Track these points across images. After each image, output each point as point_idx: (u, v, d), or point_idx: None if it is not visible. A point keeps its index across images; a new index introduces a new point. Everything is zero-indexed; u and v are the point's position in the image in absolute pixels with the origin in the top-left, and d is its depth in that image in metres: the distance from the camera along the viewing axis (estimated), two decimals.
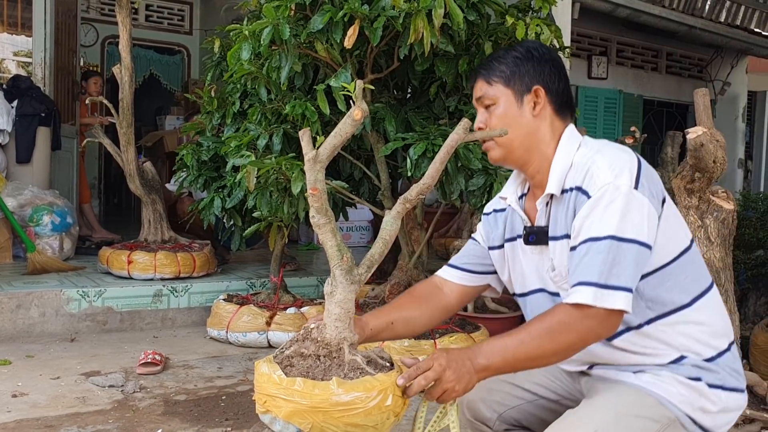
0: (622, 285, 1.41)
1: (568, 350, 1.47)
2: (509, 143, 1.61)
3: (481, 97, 1.65)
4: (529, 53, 1.63)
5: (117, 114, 4.83)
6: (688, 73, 8.74)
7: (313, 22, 3.08)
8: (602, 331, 1.45)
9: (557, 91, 1.63)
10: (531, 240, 1.63)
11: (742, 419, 2.55)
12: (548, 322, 1.45)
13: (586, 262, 1.44)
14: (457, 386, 1.44)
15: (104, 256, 4.81)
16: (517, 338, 1.46)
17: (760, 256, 4.39)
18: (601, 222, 1.44)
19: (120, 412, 3.01)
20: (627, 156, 1.51)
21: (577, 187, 1.51)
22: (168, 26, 9.93)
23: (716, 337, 1.56)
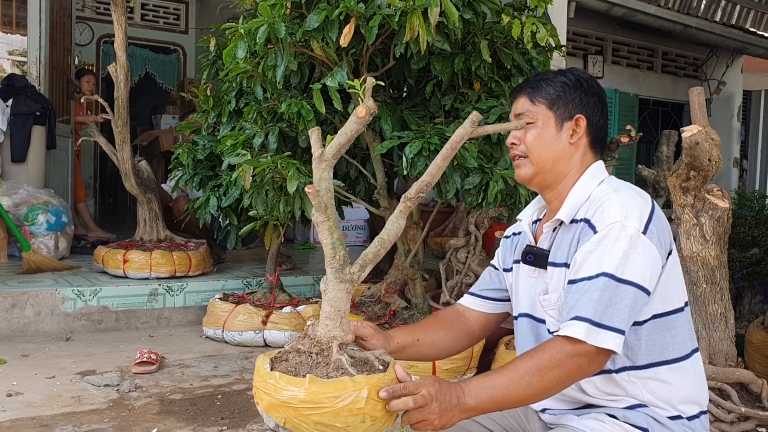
0: (614, 326, 1.41)
1: (556, 387, 1.45)
2: (541, 164, 1.62)
3: (521, 114, 1.65)
4: (578, 82, 1.64)
5: (112, 113, 4.82)
6: (684, 73, 8.76)
7: (309, 21, 3.07)
8: (590, 368, 1.44)
9: (597, 125, 1.65)
10: (528, 259, 1.64)
11: (737, 417, 2.55)
12: (538, 359, 1.43)
13: (583, 298, 1.43)
14: (437, 421, 1.40)
15: (99, 255, 4.80)
16: (507, 377, 1.42)
17: (755, 254, 4.40)
18: (602, 259, 1.44)
19: (115, 412, 3.01)
20: (642, 200, 1.52)
21: (586, 219, 1.52)
22: (163, 25, 9.92)
23: (685, 402, 1.54)
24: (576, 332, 1.41)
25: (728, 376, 2.66)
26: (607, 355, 1.43)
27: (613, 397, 1.53)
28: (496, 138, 3.28)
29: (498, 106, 3.30)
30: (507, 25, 3.24)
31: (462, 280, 4.36)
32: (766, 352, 3.40)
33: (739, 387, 2.68)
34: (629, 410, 1.52)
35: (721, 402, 2.56)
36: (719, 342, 2.73)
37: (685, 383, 1.54)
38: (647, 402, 1.52)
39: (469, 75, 3.47)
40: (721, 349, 2.73)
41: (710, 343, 2.72)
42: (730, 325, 2.76)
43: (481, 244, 4.44)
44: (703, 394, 1.58)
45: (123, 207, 10.33)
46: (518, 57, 3.44)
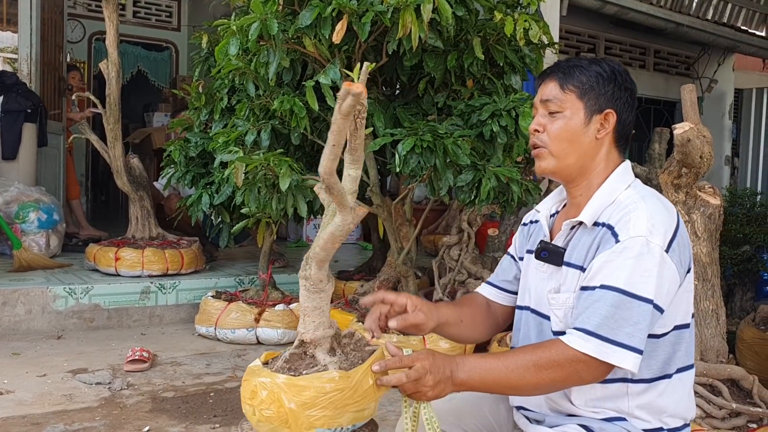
0: (634, 345, 1.38)
1: (548, 387, 1.44)
2: (564, 157, 1.55)
3: (548, 100, 1.57)
4: (613, 74, 1.56)
5: (104, 110, 4.80)
6: (676, 71, 8.78)
7: (302, 18, 3.07)
8: (587, 377, 1.42)
9: (625, 122, 1.58)
10: (543, 256, 1.58)
11: (729, 413, 2.56)
12: (538, 356, 1.41)
13: (594, 309, 1.40)
14: (430, 392, 1.41)
15: (91, 253, 4.78)
16: (503, 363, 1.42)
17: (746, 251, 4.42)
18: (623, 273, 1.40)
19: (107, 410, 2.99)
20: (668, 215, 1.47)
21: (609, 225, 1.47)
22: (156, 22, 9.89)
23: (673, 416, 1.52)
24: (584, 347, 1.39)
25: (719, 372, 2.67)
26: (609, 369, 1.41)
27: (597, 409, 1.50)
28: (488, 135, 3.28)
29: (490, 103, 3.31)
30: (499, 22, 3.24)
31: (455, 277, 4.36)
32: (757, 348, 3.42)
33: (730, 383, 2.69)
34: (607, 422, 1.49)
35: (713, 398, 2.57)
36: (710, 339, 2.74)
37: (679, 397, 1.52)
38: (630, 414, 1.49)
39: (462, 72, 3.47)
40: (713, 346, 2.74)
41: (702, 340, 2.73)
42: (722, 321, 2.76)
43: (474, 242, 4.44)
44: (691, 407, 1.56)
45: (115, 204, 10.30)
46: (511, 54, 3.44)
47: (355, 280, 4.77)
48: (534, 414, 1.61)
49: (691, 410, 1.56)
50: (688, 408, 1.55)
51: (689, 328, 1.54)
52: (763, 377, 2.92)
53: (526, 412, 1.63)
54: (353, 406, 1.44)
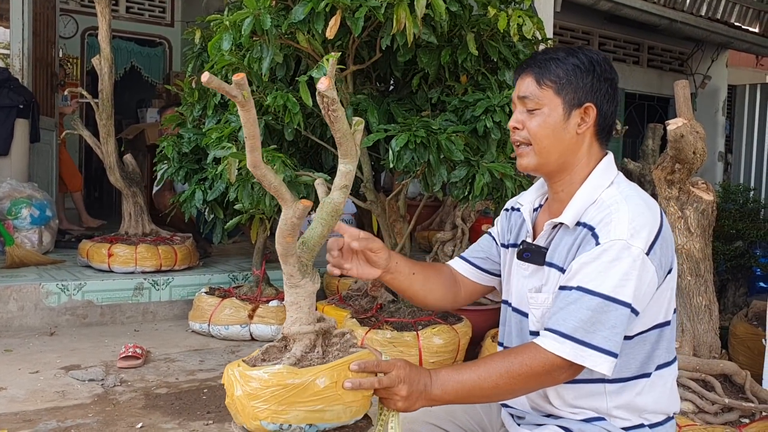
0: (610, 349, 1.37)
1: (523, 390, 1.45)
2: (546, 154, 1.52)
3: (525, 96, 1.53)
4: (591, 65, 1.52)
5: (93, 100, 4.77)
6: (669, 67, 8.80)
7: (295, 13, 3.05)
8: (560, 378, 1.42)
9: (606, 114, 1.54)
10: (525, 257, 1.57)
11: (721, 408, 2.57)
12: (510, 362, 1.40)
13: (573, 313, 1.38)
14: (400, 403, 1.41)
15: (84, 250, 4.76)
16: (476, 374, 1.40)
17: (739, 247, 4.43)
18: (602, 277, 1.38)
19: (100, 406, 2.99)
20: (651, 215, 1.44)
21: (591, 226, 1.45)
22: (149, 18, 9.85)
23: (655, 412, 1.52)
24: (560, 350, 1.38)
25: (712, 367, 2.68)
26: (580, 369, 1.40)
27: (576, 410, 1.49)
28: (482, 131, 3.28)
29: (484, 98, 3.30)
30: (493, 18, 3.23)
31: None
32: (749, 343, 3.43)
33: (722, 378, 2.70)
34: (586, 423, 1.49)
35: (705, 393, 2.58)
36: (703, 334, 2.75)
37: (659, 393, 1.51)
38: (609, 414, 1.48)
39: (456, 68, 3.46)
40: (706, 341, 2.75)
41: (694, 335, 2.74)
42: (714, 317, 2.77)
43: (468, 238, 4.44)
44: (675, 402, 1.56)
45: (109, 201, 10.25)
46: (505, 50, 3.43)
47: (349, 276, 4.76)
48: (516, 411, 1.61)
49: (675, 405, 1.56)
50: (671, 404, 1.55)
51: (670, 325, 1.53)
52: (756, 372, 2.94)
53: (509, 409, 1.63)
54: (304, 404, 1.41)
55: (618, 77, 1.58)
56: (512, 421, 1.62)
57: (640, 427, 1.49)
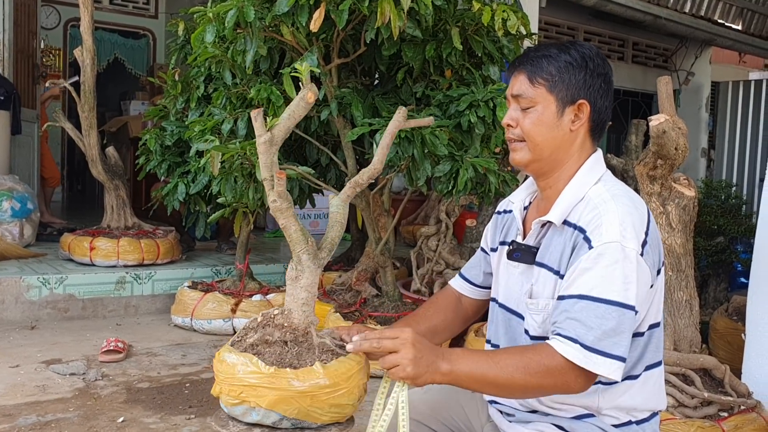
0: (617, 354, 1.36)
1: (535, 391, 1.42)
2: (539, 151, 1.51)
3: (519, 95, 1.52)
4: (584, 61, 1.50)
5: (78, 98, 4.73)
6: (654, 63, 8.84)
7: (278, 5, 3.03)
8: (575, 387, 1.40)
9: (600, 109, 1.53)
10: (515, 257, 1.56)
11: (701, 402, 2.59)
12: (529, 358, 1.38)
13: (583, 321, 1.37)
14: (409, 367, 1.35)
15: (66, 243, 4.72)
16: (492, 360, 1.38)
17: (720, 242, 4.47)
18: (603, 282, 1.38)
19: (81, 401, 2.97)
20: (639, 215, 1.45)
21: (581, 229, 1.44)
22: (133, 9, 9.76)
23: (643, 410, 1.52)
24: (574, 356, 1.36)
25: (692, 362, 2.70)
26: (594, 379, 1.40)
27: (565, 406, 1.50)
28: (466, 126, 3.28)
29: (468, 93, 3.30)
30: (477, 12, 3.23)
31: (433, 268, 4.37)
32: (729, 338, 3.47)
33: (702, 373, 2.72)
34: (576, 420, 1.49)
35: (685, 387, 2.60)
36: (684, 329, 2.77)
37: (649, 392, 1.52)
38: (599, 410, 1.48)
39: (441, 62, 3.46)
40: (686, 336, 2.77)
41: (675, 330, 2.76)
42: (695, 312, 2.79)
43: (452, 232, 4.45)
44: (662, 399, 1.56)
45: (91, 194, 10.17)
46: (489, 45, 3.43)
47: (333, 271, 4.77)
48: (505, 407, 1.61)
49: (662, 402, 1.57)
50: (659, 401, 1.55)
51: (660, 326, 1.54)
52: (735, 367, 2.97)
53: (499, 406, 1.63)
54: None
55: (612, 71, 1.57)
56: (502, 417, 1.61)
57: (628, 424, 1.50)
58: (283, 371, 1.49)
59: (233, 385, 1.53)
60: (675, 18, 7.68)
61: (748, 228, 4.43)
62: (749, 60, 11.05)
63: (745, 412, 2.60)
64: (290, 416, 1.49)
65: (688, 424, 2.48)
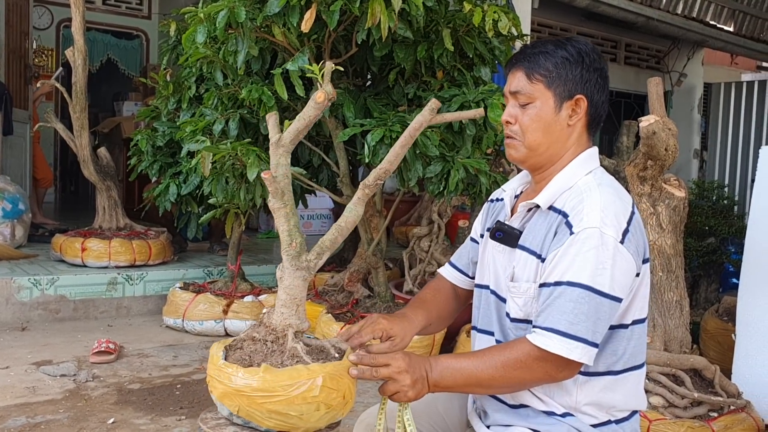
0: (589, 339, 1.38)
1: (519, 386, 1.47)
2: (536, 146, 1.53)
3: (517, 91, 1.54)
4: (580, 56, 1.52)
5: (70, 99, 4.71)
6: (646, 64, 8.86)
7: (270, 5, 3.03)
8: (559, 376, 1.43)
9: (597, 103, 1.54)
10: (497, 236, 1.58)
11: (691, 402, 2.60)
12: (507, 356, 1.42)
13: (558, 307, 1.40)
14: (410, 392, 1.42)
15: (57, 244, 4.71)
16: (473, 365, 1.44)
17: (711, 243, 4.48)
18: (577, 268, 1.39)
19: (71, 402, 2.96)
20: (622, 204, 1.46)
21: (564, 213, 1.46)
22: (126, 10, 9.74)
23: (623, 409, 1.53)
24: (549, 345, 1.39)
25: (682, 362, 2.70)
26: (578, 366, 1.42)
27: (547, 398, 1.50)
28: (457, 126, 3.28)
29: (460, 94, 3.30)
30: (469, 13, 3.23)
31: (425, 268, 4.37)
32: (719, 339, 3.48)
33: (693, 373, 2.73)
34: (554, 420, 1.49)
35: (675, 388, 2.60)
36: (674, 329, 2.78)
37: (628, 391, 1.52)
38: (578, 409, 1.49)
39: (432, 63, 3.46)
40: (676, 336, 2.78)
41: (665, 330, 2.76)
42: (686, 312, 2.80)
43: (444, 233, 4.45)
44: (642, 398, 1.57)
45: (85, 195, 10.15)
46: (480, 46, 3.44)
47: (325, 272, 4.76)
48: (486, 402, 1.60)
49: (642, 403, 1.57)
50: (638, 402, 1.56)
51: (643, 324, 1.54)
52: (726, 367, 2.98)
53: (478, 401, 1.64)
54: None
55: (607, 66, 1.58)
56: (479, 421, 1.62)
57: (607, 424, 1.51)
58: (230, 366, 1.52)
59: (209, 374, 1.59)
60: (667, 19, 7.70)
61: (739, 229, 4.44)
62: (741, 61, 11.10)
63: (735, 412, 2.61)
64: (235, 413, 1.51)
65: (678, 424, 2.49)
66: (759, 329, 2.98)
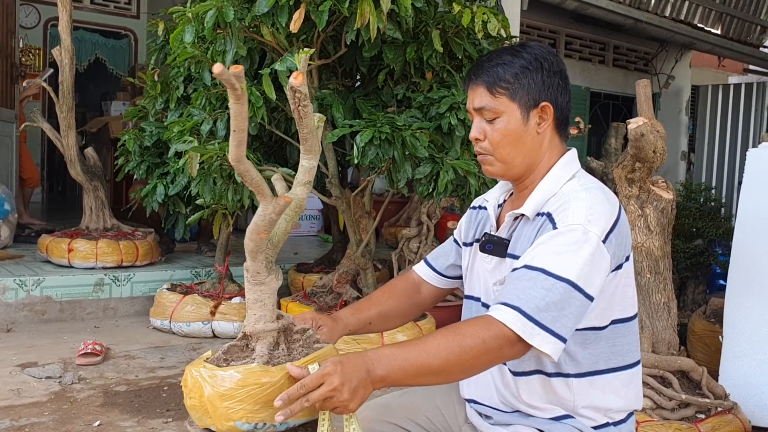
0: (557, 332, 1.33)
1: (474, 368, 1.36)
2: (511, 160, 1.52)
3: (482, 108, 1.52)
4: (538, 62, 1.50)
5: (57, 98, 4.67)
6: (634, 66, 8.90)
7: (258, 5, 3.02)
8: (508, 353, 1.35)
9: (562, 106, 1.54)
10: (487, 248, 1.56)
11: (678, 404, 2.61)
12: (463, 334, 1.33)
13: (527, 289, 1.35)
14: (351, 404, 1.30)
15: (44, 245, 4.67)
16: (424, 351, 1.31)
17: (698, 245, 4.50)
18: (557, 258, 1.36)
19: (57, 404, 2.93)
20: (610, 206, 1.45)
21: (549, 214, 1.45)
22: (114, 9, 9.69)
23: (620, 411, 1.52)
24: (511, 322, 1.32)
25: (670, 364, 2.71)
26: (527, 348, 1.34)
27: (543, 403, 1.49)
28: (447, 128, 3.28)
29: (449, 96, 3.30)
30: (458, 15, 3.23)
31: None
32: (707, 340, 3.49)
33: (680, 375, 2.74)
34: (555, 422, 1.49)
35: (663, 389, 2.61)
36: (662, 331, 2.78)
37: (626, 391, 1.52)
38: (576, 412, 1.48)
39: (421, 64, 3.46)
40: (664, 338, 2.78)
41: (653, 332, 2.77)
42: (673, 314, 2.81)
43: (433, 234, 4.45)
44: (639, 399, 1.57)
45: (72, 195, 10.07)
46: (469, 47, 3.44)
47: (314, 273, 4.75)
48: (484, 408, 1.60)
49: (638, 403, 1.57)
50: (635, 402, 1.56)
51: (630, 323, 1.53)
52: (713, 369, 2.99)
53: (477, 406, 1.62)
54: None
55: (565, 66, 1.58)
56: (481, 419, 1.60)
57: (606, 426, 1.50)
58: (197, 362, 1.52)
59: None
60: (655, 22, 7.73)
61: (727, 230, 4.47)
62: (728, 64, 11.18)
63: (722, 413, 2.62)
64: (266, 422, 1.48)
65: (666, 425, 2.49)
66: (746, 331, 3.00)
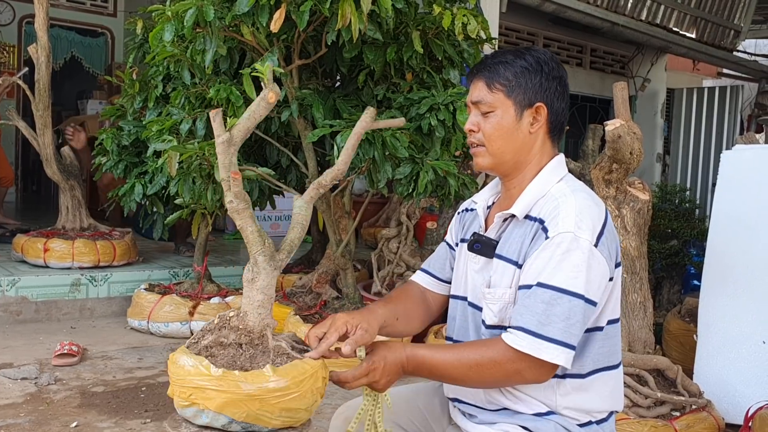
0: (564, 341, 1.40)
1: (493, 384, 1.50)
2: (501, 154, 1.57)
3: (478, 101, 1.58)
4: (539, 65, 1.56)
5: (33, 96, 4.62)
6: (611, 69, 8.99)
7: (239, 5, 3.01)
8: (531, 377, 1.45)
9: (557, 111, 1.58)
10: (475, 248, 1.59)
11: (654, 402, 2.64)
12: (479, 355, 1.45)
13: (529, 308, 1.42)
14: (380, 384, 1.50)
15: (18, 244, 4.61)
16: (448, 362, 1.47)
17: (674, 245, 4.56)
18: (552, 270, 1.42)
19: (33, 406, 2.90)
20: (597, 209, 1.50)
21: (541, 220, 1.49)
22: (90, 7, 9.58)
23: (601, 410, 1.56)
24: (518, 344, 1.41)
25: (646, 362, 2.75)
26: (552, 368, 1.43)
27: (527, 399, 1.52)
28: (427, 129, 3.29)
29: (429, 97, 3.32)
30: (438, 16, 3.25)
31: (393, 270, 4.38)
32: (682, 339, 3.54)
33: (656, 373, 2.78)
34: (539, 418, 1.51)
35: (639, 388, 2.65)
36: (638, 330, 2.82)
37: (609, 391, 1.55)
38: (557, 409, 1.51)
39: (402, 65, 3.47)
40: (640, 337, 2.82)
41: (629, 331, 2.81)
42: (649, 313, 2.85)
43: (413, 235, 4.46)
44: (620, 399, 1.60)
45: (47, 194, 9.95)
46: (449, 49, 3.46)
47: (294, 273, 4.74)
48: (468, 408, 1.62)
49: (619, 404, 1.60)
50: (616, 403, 1.59)
51: (618, 323, 1.57)
52: (688, 367, 3.03)
53: (461, 405, 1.64)
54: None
55: (566, 74, 1.62)
56: (465, 419, 1.62)
57: (589, 425, 1.54)
58: (231, 374, 1.49)
59: (184, 387, 1.52)
60: (632, 25, 7.82)
61: (701, 231, 4.54)
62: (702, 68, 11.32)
63: (697, 411, 2.66)
64: (239, 419, 1.48)
65: (642, 423, 2.53)
66: (719, 330, 3.05)
